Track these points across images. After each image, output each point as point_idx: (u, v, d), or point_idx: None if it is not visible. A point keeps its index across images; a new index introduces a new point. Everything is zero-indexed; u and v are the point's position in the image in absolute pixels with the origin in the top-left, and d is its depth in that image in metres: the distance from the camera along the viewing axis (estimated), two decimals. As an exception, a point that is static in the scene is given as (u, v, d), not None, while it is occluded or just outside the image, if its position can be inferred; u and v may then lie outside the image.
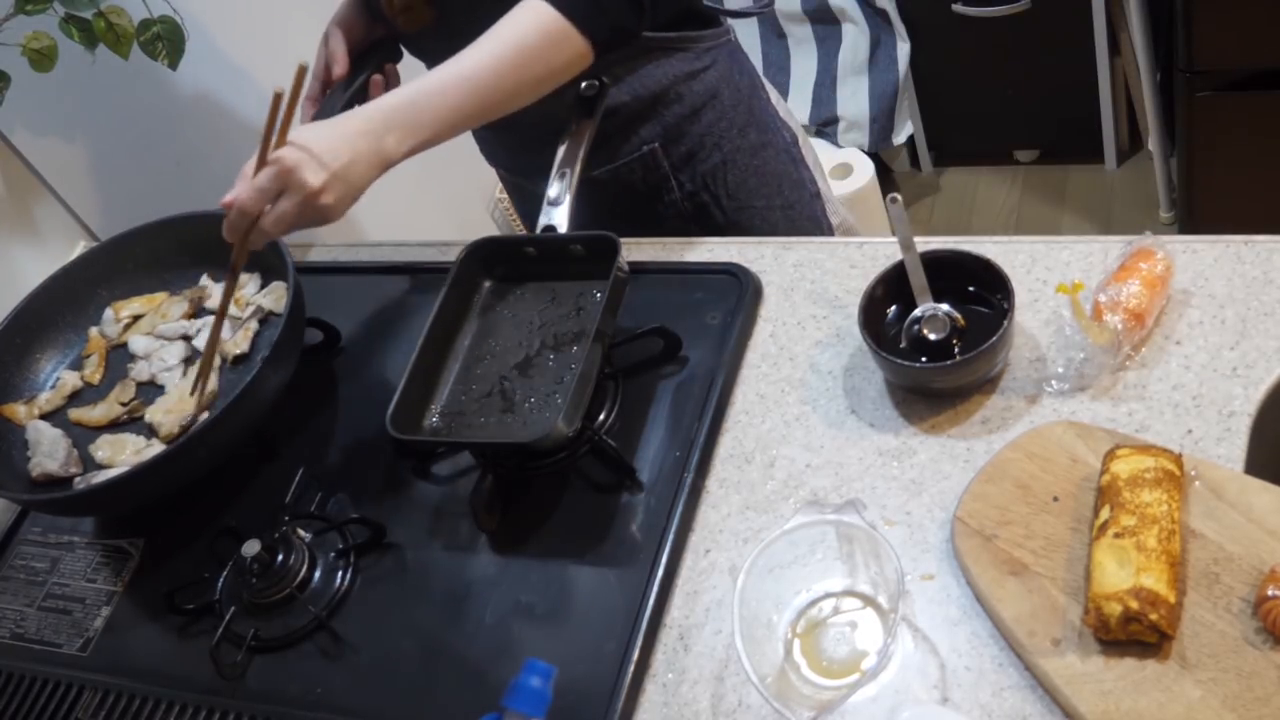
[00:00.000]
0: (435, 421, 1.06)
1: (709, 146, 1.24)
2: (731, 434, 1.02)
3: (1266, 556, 0.78)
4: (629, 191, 1.26)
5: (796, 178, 1.33)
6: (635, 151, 1.23)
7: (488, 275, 1.16)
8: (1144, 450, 0.83)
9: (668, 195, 1.26)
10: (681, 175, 1.25)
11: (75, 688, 1.04)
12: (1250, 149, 2.00)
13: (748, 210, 1.28)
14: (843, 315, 1.07)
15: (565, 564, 0.98)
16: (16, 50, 1.35)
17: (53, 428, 1.18)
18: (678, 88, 1.21)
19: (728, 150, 1.25)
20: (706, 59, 1.22)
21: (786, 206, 1.31)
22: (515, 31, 1.02)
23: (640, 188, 1.26)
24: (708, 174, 1.25)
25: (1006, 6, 2.31)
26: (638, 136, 1.22)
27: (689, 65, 1.20)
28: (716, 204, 1.27)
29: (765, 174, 1.29)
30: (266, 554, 1.01)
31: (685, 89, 1.21)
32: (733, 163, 1.26)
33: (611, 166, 1.24)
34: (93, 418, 1.19)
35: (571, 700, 0.85)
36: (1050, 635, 0.79)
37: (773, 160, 1.30)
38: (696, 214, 1.27)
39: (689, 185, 1.25)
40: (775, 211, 1.30)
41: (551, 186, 1.12)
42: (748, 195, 1.28)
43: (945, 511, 0.90)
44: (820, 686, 0.83)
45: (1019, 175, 2.67)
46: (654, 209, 1.27)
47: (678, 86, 1.21)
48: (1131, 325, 0.92)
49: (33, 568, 1.17)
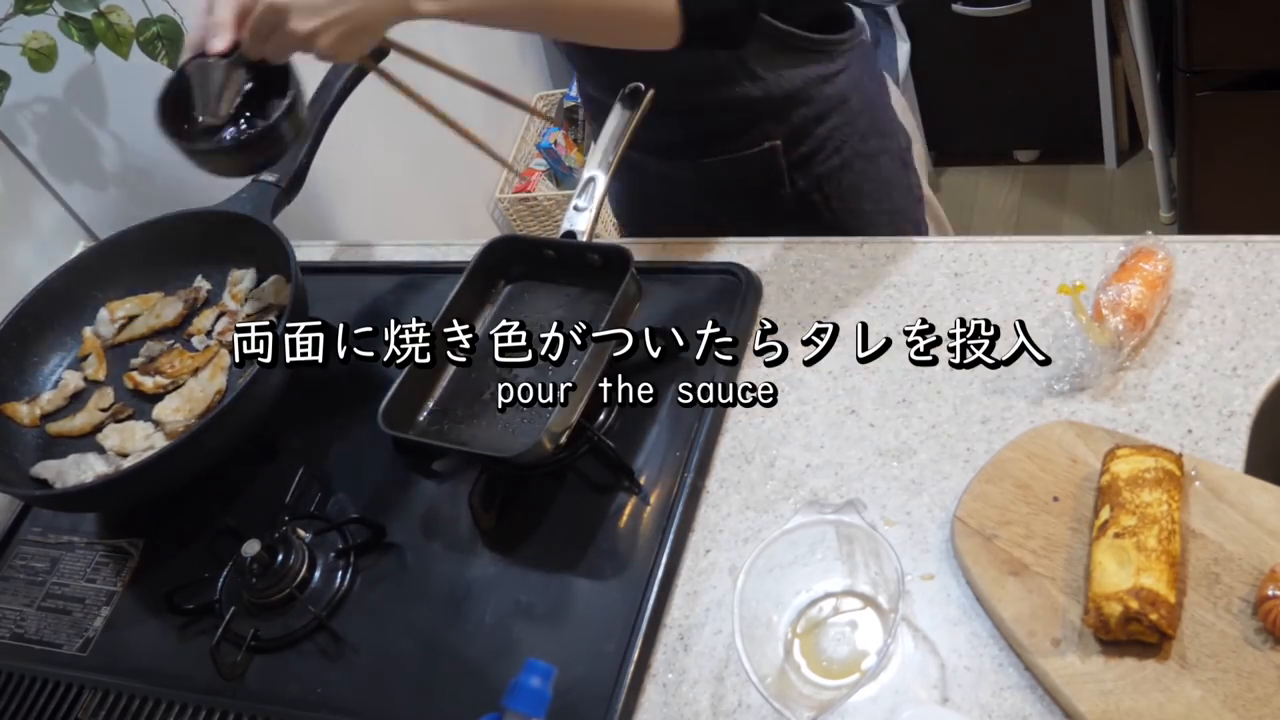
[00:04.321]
0: (430, 418, 1.06)
1: (829, 150, 1.22)
2: (731, 434, 1.02)
3: (1266, 556, 0.78)
4: (741, 183, 1.24)
5: (906, 183, 1.32)
6: (756, 146, 1.20)
7: (504, 274, 1.16)
8: (1144, 450, 0.83)
9: (779, 191, 1.24)
10: (796, 174, 1.23)
11: (75, 688, 1.04)
12: (1250, 149, 2.00)
13: (856, 213, 1.26)
14: (843, 315, 1.07)
15: (565, 564, 0.98)
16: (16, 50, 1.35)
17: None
18: (810, 90, 1.18)
19: (847, 155, 1.23)
20: (840, 62, 1.19)
21: (893, 211, 1.30)
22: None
23: (754, 181, 1.23)
24: (824, 176, 1.23)
25: (1006, 6, 2.31)
26: (761, 131, 1.20)
27: (824, 69, 1.18)
28: (826, 205, 1.25)
29: (879, 180, 1.27)
30: (266, 554, 1.01)
31: (817, 92, 1.19)
32: (849, 167, 1.24)
33: (729, 157, 1.22)
34: (73, 428, 1.19)
35: (571, 700, 0.85)
36: (1050, 635, 0.79)
37: (887, 166, 1.28)
38: (803, 212, 1.25)
39: (802, 184, 1.23)
40: (882, 215, 1.29)
41: (579, 193, 1.11)
42: (859, 199, 1.26)
43: (945, 511, 0.90)
44: (820, 686, 0.83)
45: (1019, 175, 2.67)
46: (763, 204, 1.25)
47: (810, 89, 1.18)
48: (1132, 325, 0.92)
49: (32, 568, 1.17)
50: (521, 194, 2.50)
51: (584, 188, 1.11)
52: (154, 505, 1.13)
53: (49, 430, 1.20)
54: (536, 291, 1.14)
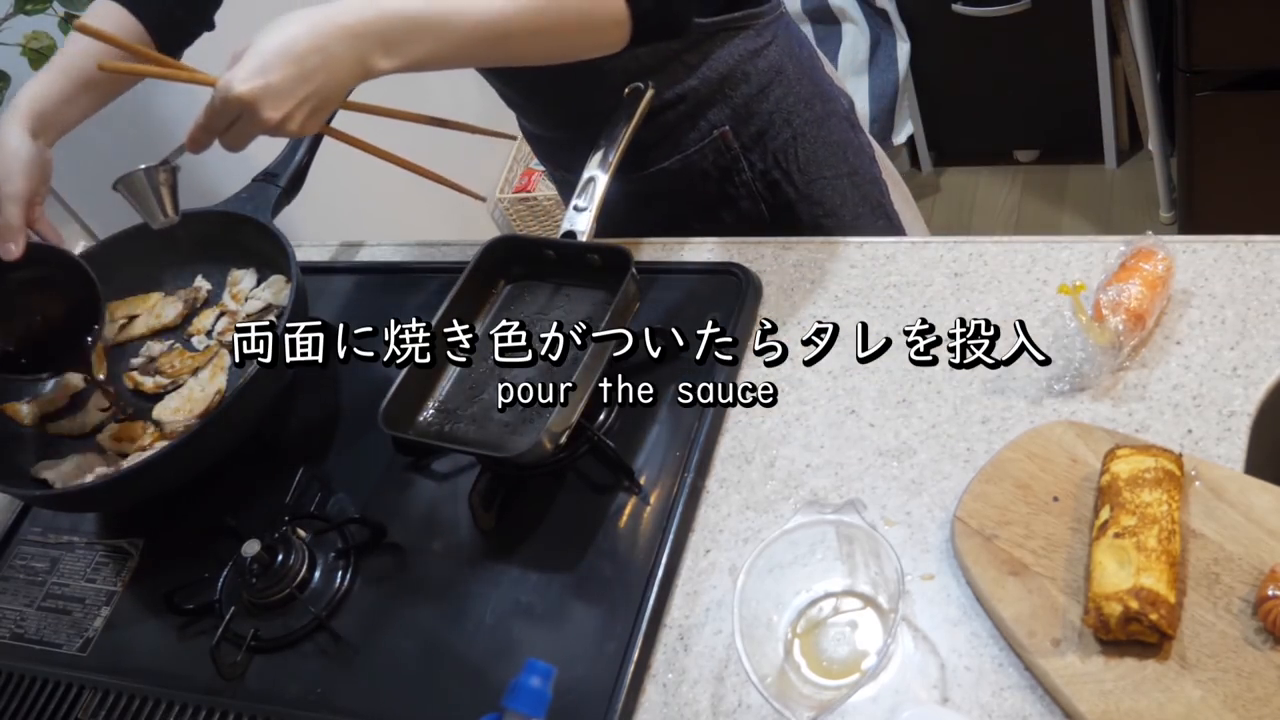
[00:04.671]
0: (430, 418, 1.06)
1: (779, 123, 1.22)
2: (731, 434, 1.02)
3: (1266, 556, 0.78)
4: (698, 178, 1.24)
5: (858, 143, 1.32)
6: (705, 138, 1.21)
7: (504, 274, 1.16)
8: (1144, 450, 0.83)
9: (739, 176, 1.24)
10: (753, 155, 1.23)
11: (75, 688, 1.04)
12: (1250, 149, 2.00)
13: (818, 182, 1.27)
14: (843, 315, 1.07)
15: (565, 564, 0.98)
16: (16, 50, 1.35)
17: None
18: (744, 67, 1.18)
19: (797, 125, 1.23)
20: (767, 34, 1.19)
21: (852, 173, 1.30)
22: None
23: (711, 172, 1.24)
24: (779, 150, 1.23)
25: (1006, 6, 2.31)
26: (706, 122, 1.20)
27: (752, 43, 1.18)
28: (788, 179, 1.25)
29: (832, 143, 1.27)
30: (266, 554, 1.01)
31: (751, 67, 1.19)
32: (802, 136, 1.24)
33: (681, 156, 1.22)
34: (73, 428, 1.19)
35: (571, 700, 0.85)
36: (1050, 635, 0.79)
37: (837, 129, 1.28)
38: (768, 191, 1.25)
39: (760, 164, 1.24)
40: (843, 179, 1.29)
41: (579, 194, 1.11)
42: (817, 167, 1.26)
43: (945, 511, 0.90)
44: (820, 686, 0.83)
45: (1019, 175, 2.67)
46: (724, 191, 1.25)
47: (744, 66, 1.18)
48: (1132, 325, 0.92)
49: (32, 568, 1.17)
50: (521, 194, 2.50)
51: (584, 188, 1.11)
52: (154, 505, 1.13)
53: (49, 430, 1.20)
54: (536, 291, 1.14)
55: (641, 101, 1.13)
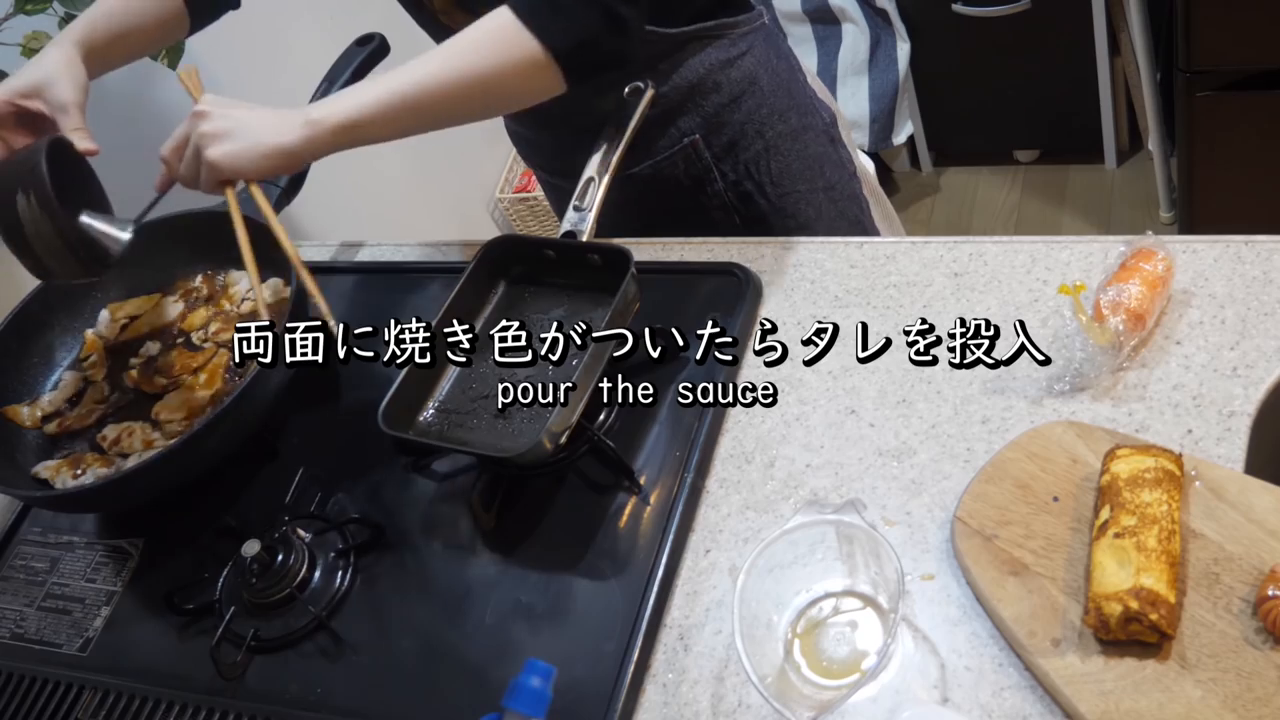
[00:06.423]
0: (430, 418, 1.06)
1: (751, 134, 1.23)
2: (731, 434, 1.02)
3: (1267, 556, 0.78)
4: (671, 185, 1.24)
5: (836, 158, 1.32)
6: (675, 145, 1.21)
7: (504, 274, 1.16)
8: (1144, 450, 0.83)
9: (710, 186, 1.24)
10: (724, 165, 1.23)
11: (75, 688, 1.04)
12: (1250, 149, 2.00)
13: (791, 195, 1.27)
14: (843, 315, 1.07)
15: (565, 564, 0.98)
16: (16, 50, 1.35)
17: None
18: (715, 76, 1.19)
19: (770, 137, 1.24)
20: (742, 44, 1.20)
21: (828, 188, 1.30)
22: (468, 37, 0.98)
23: (683, 181, 1.24)
24: (750, 162, 1.24)
25: (1006, 6, 2.32)
26: (677, 129, 1.21)
27: (725, 53, 1.18)
28: (760, 192, 1.25)
29: (807, 157, 1.27)
30: (266, 554, 1.01)
31: (723, 77, 1.19)
32: (775, 149, 1.24)
33: (652, 162, 1.22)
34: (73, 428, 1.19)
35: (571, 700, 0.85)
36: (1050, 635, 0.79)
37: (813, 143, 1.28)
38: (740, 203, 1.26)
39: (732, 175, 1.24)
40: (818, 194, 1.29)
41: (579, 194, 1.11)
42: (791, 180, 1.26)
43: (945, 511, 0.90)
44: (820, 686, 0.83)
45: (1019, 175, 2.67)
46: (697, 201, 1.25)
47: (715, 75, 1.18)
48: (1132, 325, 0.92)
49: (32, 568, 1.17)
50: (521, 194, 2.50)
51: (583, 188, 1.11)
52: (154, 505, 1.13)
53: (49, 431, 1.20)
54: (536, 291, 1.14)
55: (642, 101, 1.13)
